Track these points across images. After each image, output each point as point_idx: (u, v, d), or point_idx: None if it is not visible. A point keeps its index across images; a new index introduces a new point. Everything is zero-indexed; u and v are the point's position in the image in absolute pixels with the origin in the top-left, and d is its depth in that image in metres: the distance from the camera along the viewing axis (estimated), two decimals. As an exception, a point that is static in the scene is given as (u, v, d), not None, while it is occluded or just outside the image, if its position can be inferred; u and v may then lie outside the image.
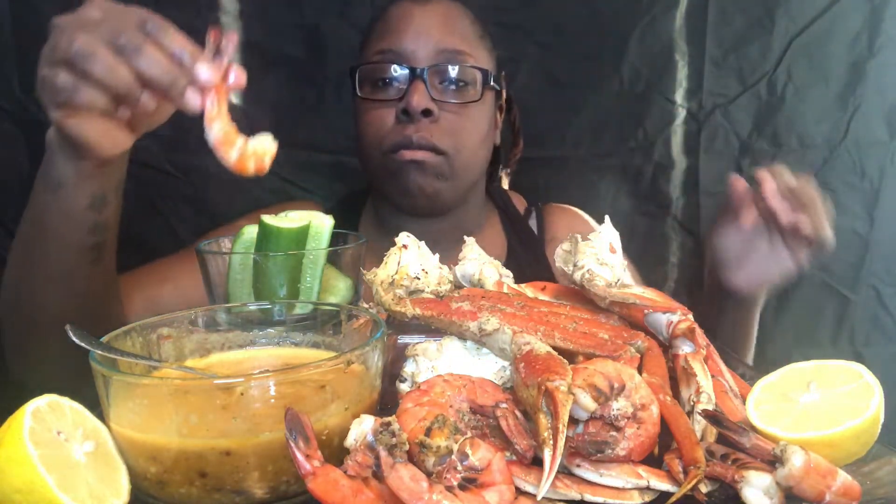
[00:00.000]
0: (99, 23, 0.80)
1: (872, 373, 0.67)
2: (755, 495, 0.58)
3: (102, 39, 0.78)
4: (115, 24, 0.79)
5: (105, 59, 0.78)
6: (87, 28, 0.79)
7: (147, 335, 0.75)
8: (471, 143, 1.32)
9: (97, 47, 0.78)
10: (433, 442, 0.58)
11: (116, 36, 0.78)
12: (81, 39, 0.78)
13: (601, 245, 0.85)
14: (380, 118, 1.29)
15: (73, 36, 0.78)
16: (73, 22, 0.80)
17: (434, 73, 1.27)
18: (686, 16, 1.75)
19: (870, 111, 1.76)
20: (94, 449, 0.61)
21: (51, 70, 0.80)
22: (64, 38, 0.79)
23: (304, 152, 1.72)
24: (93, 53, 0.78)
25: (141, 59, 0.78)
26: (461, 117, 1.30)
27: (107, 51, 0.78)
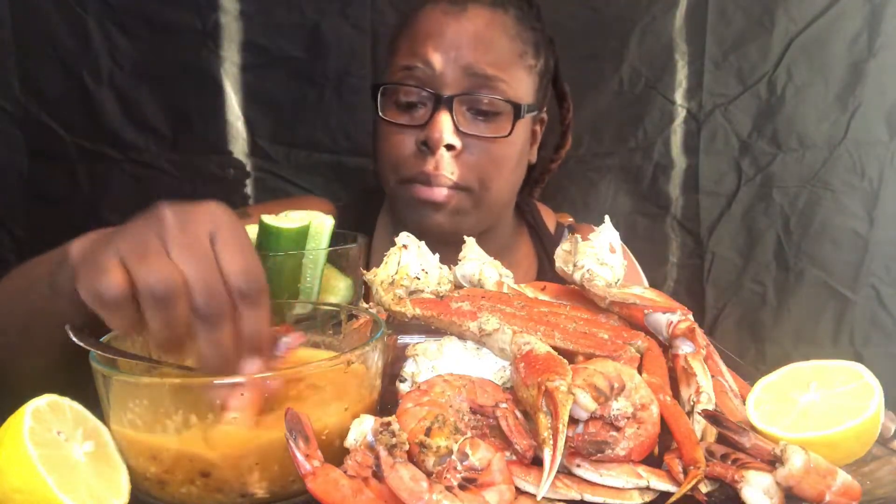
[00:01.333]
0: (202, 255, 0.62)
1: (872, 373, 0.67)
2: (755, 495, 0.58)
3: (192, 284, 0.61)
4: (211, 276, 0.62)
5: (176, 318, 0.61)
6: (187, 253, 0.62)
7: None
8: (498, 178, 1.21)
9: (179, 300, 0.61)
10: (433, 442, 0.58)
11: (207, 292, 0.61)
12: (172, 280, 0.60)
13: (601, 245, 0.85)
14: (399, 143, 1.19)
15: (170, 268, 0.61)
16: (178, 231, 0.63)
17: (462, 101, 1.16)
18: (686, 16, 1.74)
19: (870, 111, 1.75)
20: (94, 449, 0.61)
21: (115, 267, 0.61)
22: (158, 258, 0.61)
23: (304, 152, 1.72)
24: (170, 305, 0.61)
25: (207, 333, 0.62)
26: (489, 152, 1.18)
27: (184, 308, 0.61)
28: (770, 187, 1.79)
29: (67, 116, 1.60)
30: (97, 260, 0.63)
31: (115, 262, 0.62)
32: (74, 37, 1.59)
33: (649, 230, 1.83)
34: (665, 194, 1.82)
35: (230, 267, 0.62)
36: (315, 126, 1.71)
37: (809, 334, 1.84)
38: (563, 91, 1.44)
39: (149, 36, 1.62)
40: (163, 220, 0.63)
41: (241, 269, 0.63)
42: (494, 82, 1.17)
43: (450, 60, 1.15)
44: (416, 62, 1.17)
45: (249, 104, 1.68)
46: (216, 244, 0.63)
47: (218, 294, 0.61)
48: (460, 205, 1.20)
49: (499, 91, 1.17)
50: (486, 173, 1.19)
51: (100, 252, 0.63)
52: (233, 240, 0.64)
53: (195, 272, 0.61)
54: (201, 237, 0.63)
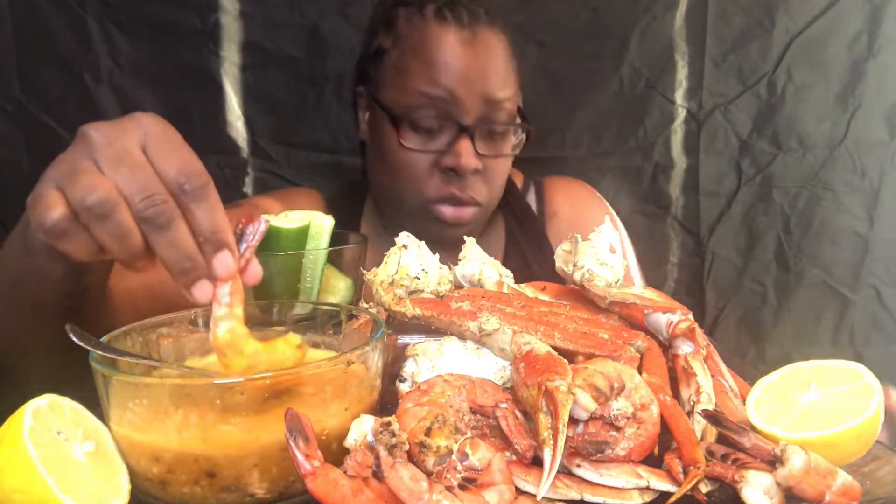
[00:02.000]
0: (134, 163, 0.63)
1: (872, 373, 0.67)
2: (755, 495, 0.58)
3: (128, 194, 0.62)
4: (147, 180, 0.62)
5: (120, 228, 0.62)
6: (118, 164, 0.62)
7: (147, 335, 0.75)
8: (500, 188, 1.32)
9: (118, 210, 0.61)
10: (433, 442, 0.58)
11: (146, 197, 0.61)
12: (103, 192, 0.61)
13: (601, 245, 0.85)
14: (422, 168, 1.25)
15: (95, 182, 0.61)
16: (105, 146, 0.63)
17: (481, 127, 1.24)
18: (686, 16, 1.75)
19: (870, 111, 1.76)
20: (94, 449, 0.61)
21: (52, 195, 0.63)
22: (87, 175, 0.62)
23: (304, 152, 1.72)
24: (110, 216, 0.61)
25: (161, 238, 0.62)
26: (498, 167, 1.29)
27: (127, 216, 0.62)
28: (770, 187, 1.80)
29: (67, 116, 1.60)
30: (36, 194, 0.64)
31: (51, 190, 0.63)
32: (74, 37, 1.59)
33: (649, 230, 1.83)
34: (665, 194, 1.83)
35: (165, 167, 0.63)
36: (315, 126, 1.72)
37: (809, 334, 1.84)
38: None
39: (149, 36, 1.62)
40: (90, 139, 0.64)
41: (177, 167, 0.63)
42: (504, 104, 1.26)
43: (469, 90, 1.22)
44: (438, 91, 1.21)
45: (249, 104, 1.69)
46: (148, 150, 0.64)
47: (157, 196, 0.62)
48: (476, 218, 1.30)
49: (508, 111, 1.27)
50: (495, 186, 1.30)
51: (39, 186, 0.65)
52: (165, 142, 0.64)
53: (129, 180, 0.62)
54: (130, 146, 0.63)
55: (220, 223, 0.63)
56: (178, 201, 0.63)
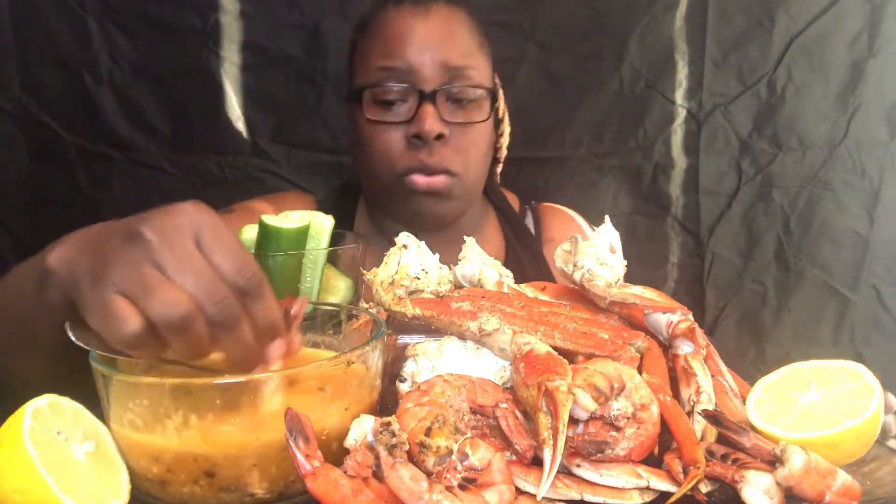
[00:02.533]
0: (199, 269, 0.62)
1: (872, 373, 0.67)
2: (755, 495, 0.58)
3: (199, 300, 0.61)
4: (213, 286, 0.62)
5: (197, 337, 0.62)
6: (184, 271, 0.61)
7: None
8: (477, 160, 1.31)
9: (196, 323, 0.61)
10: (433, 442, 0.58)
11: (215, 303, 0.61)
12: (186, 306, 0.60)
13: (601, 245, 0.85)
14: (389, 140, 1.25)
15: (176, 295, 0.60)
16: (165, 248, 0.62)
17: (443, 93, 1.24)
18: (686, 16, 1.75)
19: (870, 111, 1.76)
20: (94, 449, 0.61)
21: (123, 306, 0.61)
22: (162, 287, 0.60)
23: (304, 152, 1.73)
24: (190, 329, 0.61)
25: (227, 337, 0.63)
26: (469, 136, 1.28)
27: (203, 326, 0.62)
28: (770, 187, 1.80)
29: (67, 116, 1.60)
30: (105, 302, 0.61)
31: (123, 303, 0.61)
32: (74, 37, 1.59)
33: (649, 230, 1.83)
34: (665, 194, 1.83)
35: (225, 268, 0.63)
36: (315, 126, 1.72)
37: (809, 334, 1.84)
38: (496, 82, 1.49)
39: (149, 36, 1.62)
40: (147, 240, 0.62)
41: (236, 268, 0.63)
42: (466, 71, 1.26)
43: (425, 57, 1.23)
44: (395, 62, 1.24)
45: (249, 104, 1.69)
46: (204, 248, 0.63)
47: (225, 300, 0.62)
48: (451, 189, 1.28)
49: (471, 79, 1.27)
50: (469, 158, 1.28)
51: (103, 293, 0.62)
52: (218, 240, 0.64)
53: (198, 286, 0.61)
54: (189, 248, 0.63)
55: (276, 317, 0.66)
56: (238, 299, 0.63)
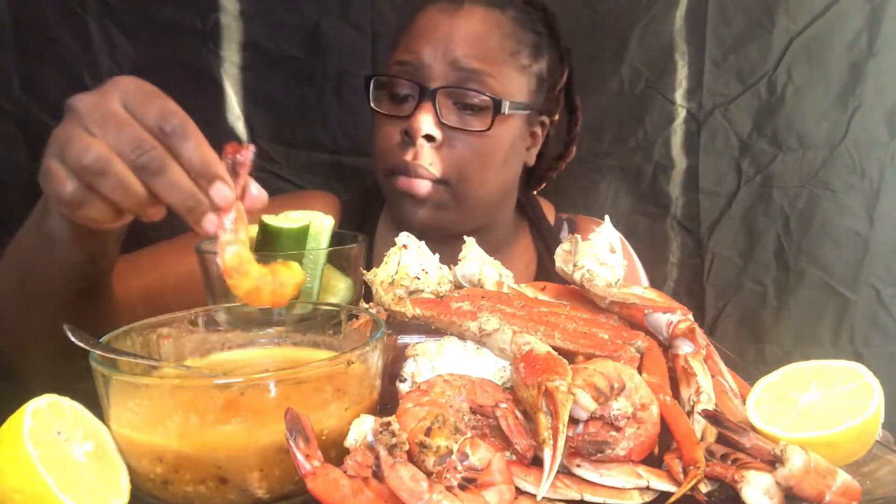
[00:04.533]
0: (119, 121, 0.68)
1: (872, 373, 0.67)
2: (755, 495, 0.58)
3: (120, 150, 0.67)
4: (133, 133, 0.67)
5: (119, 180, 0.67)
6: (105, 125, 0.68)
7: (147, 335, 0.75)
8: (480, 174, 1.22)
9: (113, 164, 0.67)
10: (433, 442, 0.58)
11: (136, 148, 0.67)
12: (96, 151, 0.66)
13: (601, 245, 0.85)
14: (388, 134, 1.22)
15: (87, 144, 0.67)
16: (91, 112, 0.69)
17: (446, 94, 1.18)
18: (686, 16, 1.74)
19: (870, 111, 1.75)
20: (94, 449, 0.61)
21: (58, 169, 0.69)
22: (79, 140, 0.67)
23: (304, 152, 1.72)
24: (107, 171, 0.67)
25: (159, 182, 0.67)
26: (471, 146, 1.20)
27: (123, 169, 0.67)
28: (770, 187, 1.79)
29: (67, 116, 1.60)
30: (43, 172, 0.70)
31: (55, 164, 0.69)
32: (74, 37, 1.59)
33: (649, 230, 1.83)
34: (665, 194, 1.82)
35: (146, 117, 0.68)
36: (315, 126, 1.71)
37: (809, 334, 1.84)
38: (574, 103, 1.44)
39: (149, 36, 1.62)
40: (76, 109, 0.69)
41: (156, 114, 0.68)
42: (481, 77, 1.19)
43: (438, 55, 1.18)
44: (409, 57, 1.20)
45: (249, 104, 1.68)
46: (129, 107, 0.69)
47: (145, 143, 0.67)
48: (440, 199, 1.22)
49: (485, 86, 1.19)
50: (467, 167, 1.21)
51: (43, 165, 0.71)
52: (142, 96, 0.69)
53: (117, 137, 0.67)
54: (113, 107, 0.68)
55: (208, 157, 0.68)
56: (165, 144, 0.68)
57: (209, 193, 0.68)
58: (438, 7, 1.23)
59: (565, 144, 1.46)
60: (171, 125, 0.67)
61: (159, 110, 0.68)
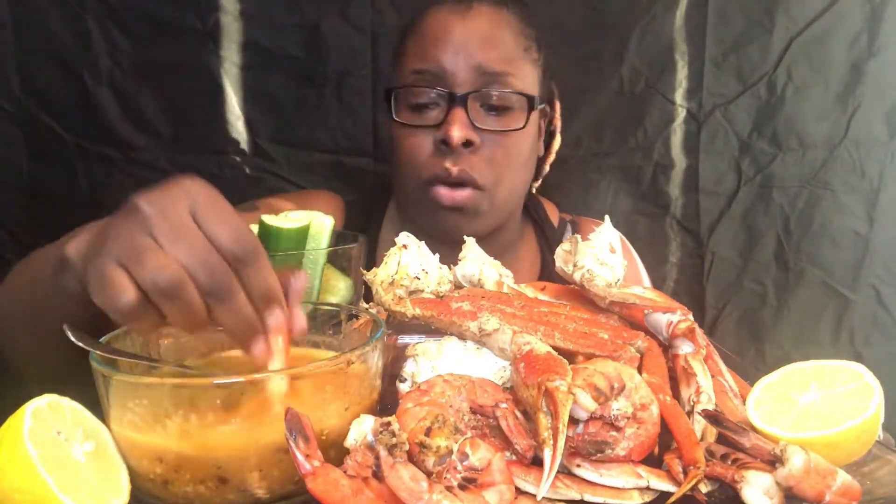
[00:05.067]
0: (191, 238, 0.63)
1: (872, 373, 0.67)
2: (755, 495, 0.58)
3: (191, 271, 0.62)
4: (206, 255, 0.63)
5: (189, 305, 0.63)
6: (176, 240, 0.63)
7: (147, 335, 0.75)
8: (512, 173, 1.23)
9: (187, 288, 0.62)
10: (433, 442, 0.58)
11: (209, 272, 0.63)
12: (172, 272, 0.61)
13: (601, 245, 0.85)
14: (417, 145, 1.20)
15: (163, 263, 0.62)
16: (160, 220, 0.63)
17: (475, 98, 1.17)
18: (686, 16, 1.74)
19: (870, 111, 1.75)
20: (94, 449, 0.61)
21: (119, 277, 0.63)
22: (152, 255, 0.62)
23: (304, 152, 1.72)
24: (180, 295, 0.62)
25: (223, 308, 0.64)
26: (503, 146, 1.20)
27: (194, 293, 0.63)
28: (770, 187, 1.79)
29: (67, 116, 1.60)
30: (102, 273, 0.63)
31: (119, 272, 0.63)
32: (74, 37, 1.59)
33: (649, 230, 1.83)
34: (665, 194, 1.82)
35: (219, 237, 0.64)
36: (315, 126, 1.71)
37: (809, 334, 1.84)
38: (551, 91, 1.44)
39: (149, 36, 1.62)
40: (144, 213, 0.64)
41: (231, 237, 0.64)
42: (505, 77, 1.19)
43: (460, 60, 1.17)
44: (428, 65, 1.19)
45: (249, 104, 1.68)
46: (198, 219, 0.65)
47: (218, 268, 0.63)
48: (477, 204, 1.21)
49: (509, 85, 1.19)
50: (501, 170, 1.21)
51: (100, 264, 0.64)
52: (213, 210, 0.65)
53: (190, 255, 0.63)
54: (184, 218, 0.64)
55: (272, 284, 0.66)
56: (233, 268, 0.64)
57: (265, 319, 0.66)
58: (447, 8, 1.22)
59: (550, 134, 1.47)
60: (245, 250, 0.64)
61: (233, 232, 0.64)
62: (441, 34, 1.19)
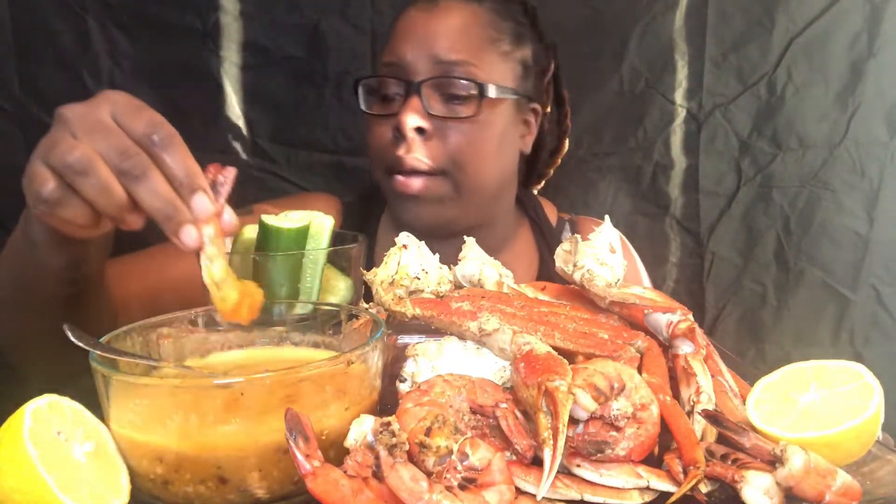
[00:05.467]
0: (106, 129, 0.69)
1: (872, 373, 0.67)
2: (755, 495, 0.58)
3: (104, 154, 0.68)
4: (119, 140, 0.69)
5: (101, 181, 0.68)
6: (92, 132, 0.69)
7: (147, 335, 0.75)
8: (476, 161, 1.23)
9: (96, 165, 0.68)
10: (433, 442, 0.58)
11: (120, 153, 0.68)
12: (80, 151, 0.68)
13: (601, 245, 0.85)
14: (380, 135, 1.24)
15: (72, 144, 0.68)
16: (79, 120, 0.70)
17: (431, 86, 1.20)
18: (686, 16, 1.74)
19: (870, 111, 1.75)
20: (94, 449, 0.61)
21: (41, 170, 0.70)
22: (64, 142, 0.69)
23: (305, 152, 1.72)
24: (90, 171, 0.68)
25: (141, 187, 0.68)
26: (461, 133, 1.21)
27: (105, 171, 0.68)
28: (770, 187, 1.79)
29: (67, 116, 1.60)
30: (28, 173, 0.72)
31: (38, 166, 0.70)
32: (74, 37, 1.59)
33: (649, 230, 1.83)
34: (665, 194, 1.82)
35: (134, 126, 0.69)
36: (315, 126, 1.71)
37: (809, 334, 1.84)
38: (562, 97, 1.46)
39: (149, 36, 1.62)
40: (65, 117, 0.71)
41: (145, 124, 0.69)
42: (463, 67, 1.21)
43: (418, 52, 1.21)
44: (392, 58, 1.24)
45: (249, 104, 1.68)
46: (117, 118, 0.70)
47: (130, 149, 0.68)
48: (439, 192, 1.23)
49: (470, 75, 1.21)
50: (461, 155, 1.22)
51: (28, 168, 0.72)
52: (130, 108, 0.71)
53: (103, 143, 0.69)
54: (101, 116, 0.70)
55: (192, 168, 0.69)
56: (150, 153, 0.69)
57: (190, 204, 0.68)
58: (417, 7, 1.27)
59: (557, 139, 1.48)
60: (159, 135, 0.69)
61: (147, 121, 0.70)
62: (407, 29, 1.24)
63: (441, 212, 1.25)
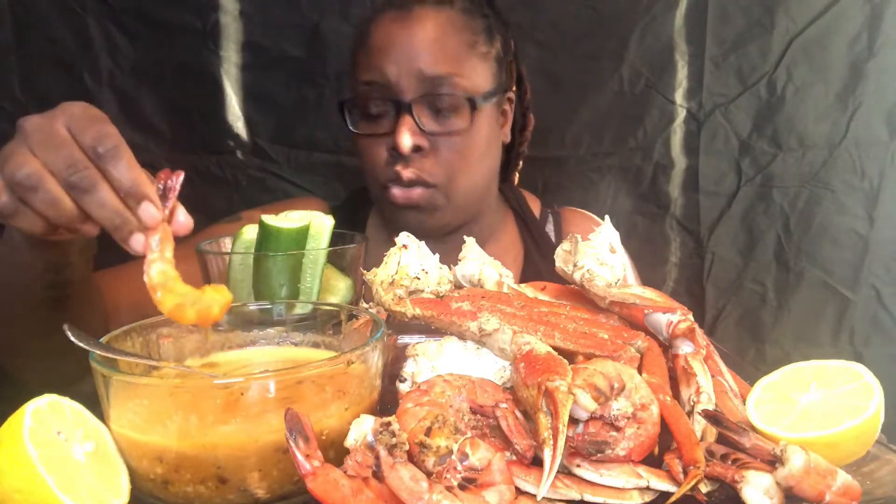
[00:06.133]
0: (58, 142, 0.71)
1: (872, 373, 0.67)
2: (755, 495, 0.58)
3: (54, 167, 0.71)
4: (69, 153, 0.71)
5: (50, 196, 0.71)
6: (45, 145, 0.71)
7: (147, 335, 0.75)
8: (467, 168, 1.27)
9: (44, 181, 0.70)
10: (433, 442, 0.58)
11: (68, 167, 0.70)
12: (29, 167, 0.70)
13: (601, 245, 0.85)
14: (374, 154, 1.25)
15: (23, 160, 0.71)
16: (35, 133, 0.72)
17: (421, 104, 1.21)
18: (686, 16, 1.75)
19: (870, 111, 1.75)
20: (94, 449, 0.61)
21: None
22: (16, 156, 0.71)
23: (304, 152, 1.72)
24: (38, 187, 0.70)
25: (88, 200, 0.70)
26: (454, 146, 1.24)
27: (54, 185, 0.71)
28: (770, 187, 1.79)
29: (67, 116, 1.60)
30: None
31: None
32: (74, 37, 1.59)
33: (649, 230, 1.83)
34: (665, 194, 1.83)
35: (83, 139, 0.71)
36: (315, 126, 1.72)
37: (809, 334, 1.84)
38: (521, 74, 1.45)
39: (149, 36, 1.62)
40: (23, 130, 0.73)
41: (91, 137, 0.71)
42: (450, 79, 1.21)
43: (402, 68, 1.20)
44: (373, 76, 1.22)
45: (249, 104, 1.69)
46: (72, 130, 0.72)
47: (78, 162, 0.70)
48: (432, 201, 1.26)
49: (455, 86, 1.22)
50: (453, 167, 1.25)
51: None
52: (85, 121, 0.73)
53: (54, 157, 0.71)
54: (56, 129, 0.72)
55: (137, 178, 0.71)
56: (97, 165, 0.71)
57: (137, 213, 0.70)
58: (389, 17, 1.24)
59: (522, 116, 1.47)
60: (105, 147, 0.70)
61: (96, 133, 0.71)
62: (384, 43, 1.22)
63: (437, 217, 1.28)
